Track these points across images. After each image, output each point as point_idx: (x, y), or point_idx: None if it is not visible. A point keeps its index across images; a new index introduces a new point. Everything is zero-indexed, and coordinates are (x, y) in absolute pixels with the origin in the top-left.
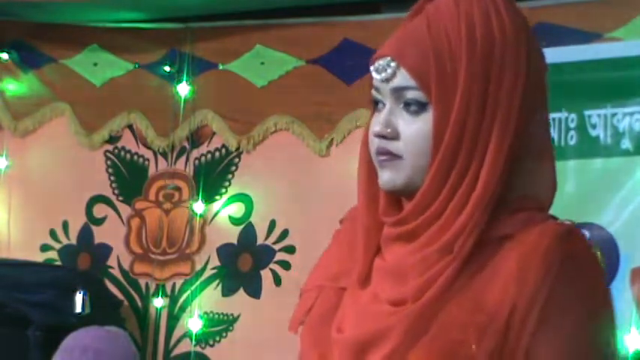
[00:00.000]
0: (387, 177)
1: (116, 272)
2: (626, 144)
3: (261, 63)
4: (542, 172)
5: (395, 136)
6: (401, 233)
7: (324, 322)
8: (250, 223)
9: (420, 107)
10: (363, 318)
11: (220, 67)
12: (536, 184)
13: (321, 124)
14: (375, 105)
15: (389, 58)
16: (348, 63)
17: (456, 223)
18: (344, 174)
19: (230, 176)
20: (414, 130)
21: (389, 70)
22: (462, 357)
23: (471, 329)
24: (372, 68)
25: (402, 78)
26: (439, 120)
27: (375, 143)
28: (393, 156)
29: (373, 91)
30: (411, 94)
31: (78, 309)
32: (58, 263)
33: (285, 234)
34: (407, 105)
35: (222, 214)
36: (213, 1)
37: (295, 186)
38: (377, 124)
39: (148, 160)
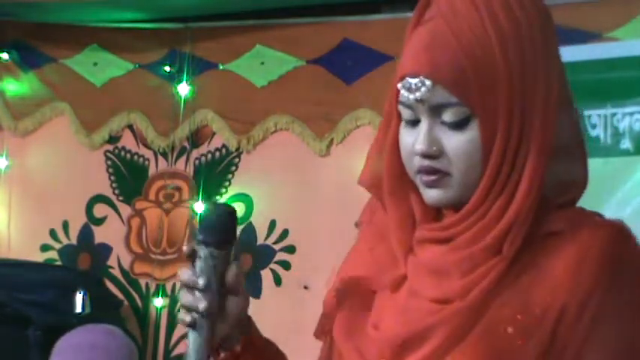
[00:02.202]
0: (436, 195)
1: (116, 272)
2: (626, 144)
3: (261, 63)
4: (575, 168)
5: (440, 154)
6: (441, 237)
7: (357, 322)
8: (250, 223)
9: (463, 121)
10: (404, 315)
11: (220, 67)
12: (569, 179)
13: (321, 124)
14: (400, 118)
15: (422, 77)
16: (348, 63)
17: (501, 223)
18: (344, 174)
19: (230, 176)
20: (461, 145)
21: (423, 89)
22: (508, 355)
23: (518, 328)
24: (400, 86)
25: (440, 95)
26: (486, 130)
27: (416, 162)
28: (442, 174)
29: (402, 108)
30: (452, 110)
31: (78, 309)
32: (58, 263)
33: (285, 234)
34: (449, 120)
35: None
36: (213, 1)
37: (295, 186)
38: (419, 143)
39: (148, 160)
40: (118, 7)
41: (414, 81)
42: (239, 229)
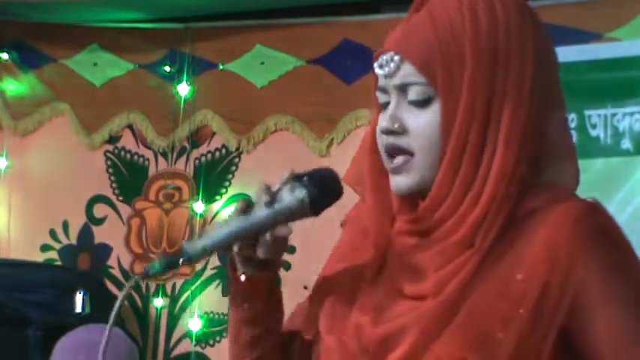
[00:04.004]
0: (400, 181)
1: (116, 272)
2: (626, 144)
3: (261, 63)
4: (564, 171)
5: (403, 131)
6: (417, 230)
7: (340, 316)
8: None
9: (427, 100)
10: (382, 312)
11: (220, 67)
12: (557, 179)
13: (321, 124)
14: (381, 107)
15: (392, 53)
16: (348, 63)
17: (472, 216)
18: (344, 174)
19: (230, 176)
20: (422, 123)
21: (392, 65)
22: (489, 344)
23: (497, 315)
24: (375, 65)
25: (407, 72)
26: (447, 111)
27: (383, 140)
28: (405, 155)
29: (378, 93)
30: (416, 88)
31: (78, 309)
32: (58, 263)
33: None
34: (413, 99)
35: (222, 214)
36: (213, 1)
37: None
38: (384, 120)
39: (148, 160)
40: (118, 7)
41: (385, 57)
42: None
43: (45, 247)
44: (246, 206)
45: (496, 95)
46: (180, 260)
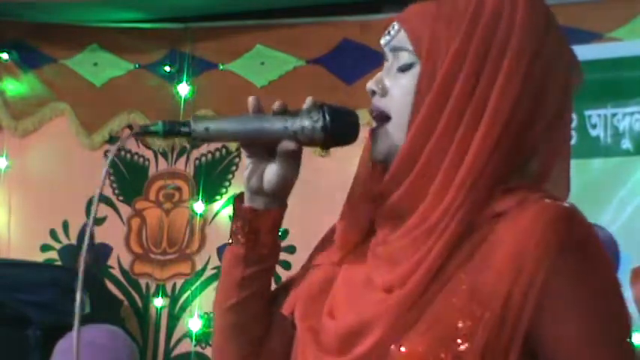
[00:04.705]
0: (375, 146)
1: (116, 272)
2: (626, 144)
3: (261, 63)
4: (558, 179)
5: (384, 93)
6: (388, 211)
7: (316, 299)
8: None
9: (409, 65)
10: (354, 304)
11: (220, 67)
12: (549, 185)
13: None
14: None
15: (395, 22)
16: (348, 63)
17: (443, 203)
18: (344, 174)
19: (230, 176)
20: (399, 86)
21: (392, 32)
22: (455, 346)
23: (465, 319)
24: (382, 37)
25: (400, 39)
26: (424, 78)
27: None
28: (384, 115)
29: (384, 65)
30: (404, 54)
31: None
32: (58, 263)
33: (285, 234)
34: (400, 64)
35: (222, 214)
36: (213, 1)
37: (295, 186)
38: (370, 82)
39: (148, 160)
40: (118, 7)
41: (389, 27)
42: None
43: (45, 247)
44: (260, 109)
45: (480, 84)
46: (182, 129)
